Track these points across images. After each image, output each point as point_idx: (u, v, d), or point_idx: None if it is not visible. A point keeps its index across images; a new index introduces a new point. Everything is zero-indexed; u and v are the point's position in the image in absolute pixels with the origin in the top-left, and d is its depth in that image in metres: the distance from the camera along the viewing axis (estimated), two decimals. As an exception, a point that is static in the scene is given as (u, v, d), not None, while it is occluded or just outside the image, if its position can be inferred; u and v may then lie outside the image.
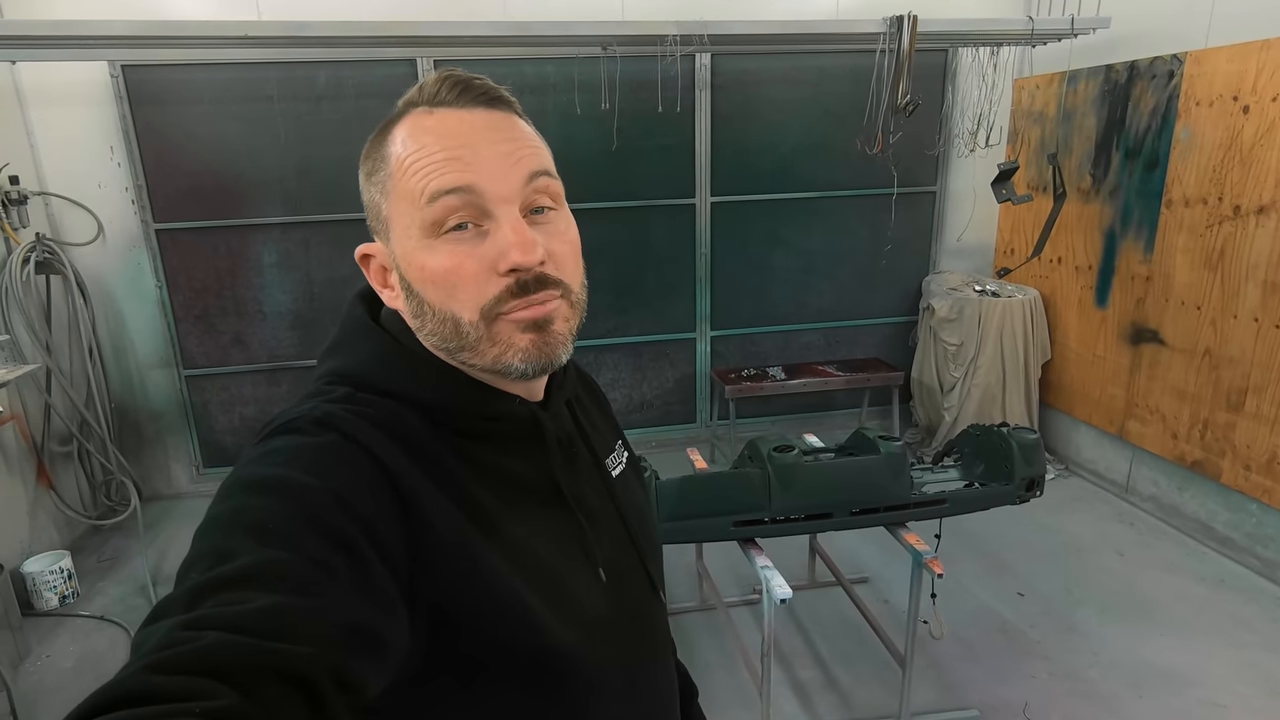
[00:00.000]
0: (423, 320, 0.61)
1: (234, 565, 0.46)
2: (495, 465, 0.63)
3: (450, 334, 0.60)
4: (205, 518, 0.51)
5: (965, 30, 3.31)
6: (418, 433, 0.59)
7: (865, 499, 2.03)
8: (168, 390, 3.64)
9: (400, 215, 0.60)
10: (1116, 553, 3.08)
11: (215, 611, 0.42)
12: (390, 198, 0.60)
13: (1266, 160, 2.68)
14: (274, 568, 0.46)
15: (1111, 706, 2.23)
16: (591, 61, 3.33)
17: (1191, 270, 3.02)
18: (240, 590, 0.44)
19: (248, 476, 0.53)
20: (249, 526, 0.49)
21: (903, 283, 4.18)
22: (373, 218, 0.63)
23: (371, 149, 0.63)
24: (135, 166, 3.32)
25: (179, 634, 0.41)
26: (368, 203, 0.63)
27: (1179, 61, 2.99)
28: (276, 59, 3.28)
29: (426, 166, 0.57)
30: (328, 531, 0.49)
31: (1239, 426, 2.87)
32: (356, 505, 0.52)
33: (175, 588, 0.46)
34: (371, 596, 0.49)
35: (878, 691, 2.33)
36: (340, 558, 0.49)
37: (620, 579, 0.69)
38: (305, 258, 3.58)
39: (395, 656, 0.51)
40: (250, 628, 0.41)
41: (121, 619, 2.81)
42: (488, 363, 0.61)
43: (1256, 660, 2.41)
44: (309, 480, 0.51)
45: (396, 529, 0.53)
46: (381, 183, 0.61)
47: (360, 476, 0.54)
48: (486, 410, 0.64)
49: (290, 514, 0.50)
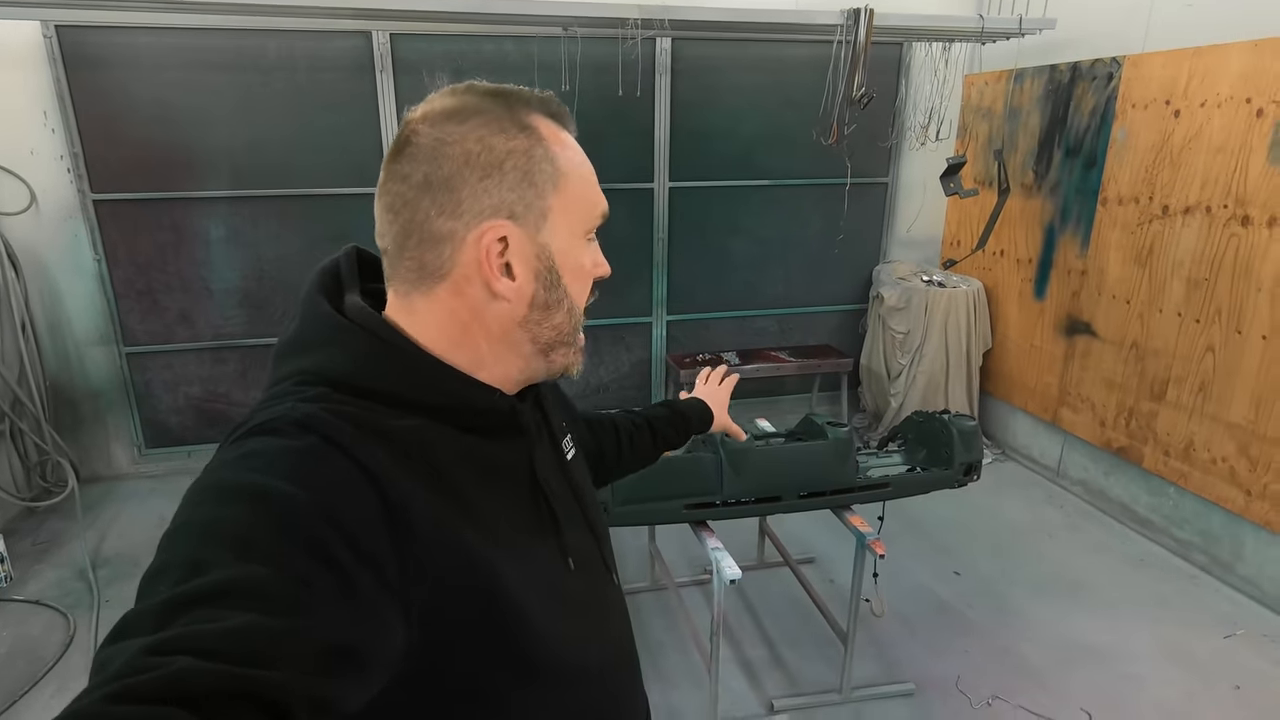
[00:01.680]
0: (550, 313, 0.66)
1: (208, 579, 0.43)
2: (481, 455, 0.63)
3: (572, 328, 0.68)
4: (175, 523, 0.49)
5: (919, 25, 3.38)
6: (402, 432, 0.58)
7: (813, 483, 2.11)
8: (107, 368, 3.52)
9: (568, 214, 0.65)
10: (1048, 534, 3.24)
11: (186, 631, 0.41)
12: (560, 195, 0.64)
13: (1193, 163, 2.83)
14: (250, 583, 0.44)
15: (1039, 679, 2.37)
16: (552, 42, 3.30)
17: (1123, 266, 3.17)
18: (214, 608, 0.42)
19: (222, 482, 0.51)
20: (224, 537, 0.46)
21: (854, 272, 4.28)
22: (518, 204, 0.62)
23: (504, 134, 0.61)
24: (71, 133, 3.17)
25: (146, 659, 0.39)
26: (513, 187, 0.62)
27: (1118, 64, 3.12)
28: (224, 26, 3.17)
29: (595, 185, 0.68)
30: (310, 544, 0.47)
31: (1160, 415, 3.04)
32: (340, 514, 0.50)
33: (140, 600, 0.44)
34: (357, 610, 0.48)
35: (821, 668, 2.42)
36: (322, 571, 0.47)
37: (584, 565, 0.72)
38: (254, 234, 3.49)
39: (383, 666, 0.50)
40: (222, 651, 0.40)
41: (58, 603, 2.73)
42: (563, 362, 0.69)
43: (1171, 635, 2.58)
44: (289, 488, 0.49)
45: (383, 535, 0.52)
46: (549, 178, 0.63)
47: (344, 483, 0.52)
48: (474, 404, 0.64)
49: (269, 524, 0.47)
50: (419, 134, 0.61)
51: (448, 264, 0.62)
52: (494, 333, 0.65)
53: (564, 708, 0.66)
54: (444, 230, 0.61)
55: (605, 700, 0.73)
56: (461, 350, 0.64)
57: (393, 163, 0.62)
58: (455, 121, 0.61)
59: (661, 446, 1.18)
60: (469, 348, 0.65)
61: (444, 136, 0.61)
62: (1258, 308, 2.64)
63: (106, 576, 2.89)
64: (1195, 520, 2.98)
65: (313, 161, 3.44)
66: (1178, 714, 2.22)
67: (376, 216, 0.65)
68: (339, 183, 3.49)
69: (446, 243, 0.61)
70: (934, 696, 2.30)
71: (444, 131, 0.61)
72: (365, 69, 3.38)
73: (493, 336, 0.65)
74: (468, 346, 0.65)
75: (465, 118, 0.61)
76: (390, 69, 3.39)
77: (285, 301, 3.60)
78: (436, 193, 0.60)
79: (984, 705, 2.26)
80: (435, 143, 0.61)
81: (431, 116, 0.62)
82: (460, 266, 0.62)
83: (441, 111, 0.62)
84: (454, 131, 0.61)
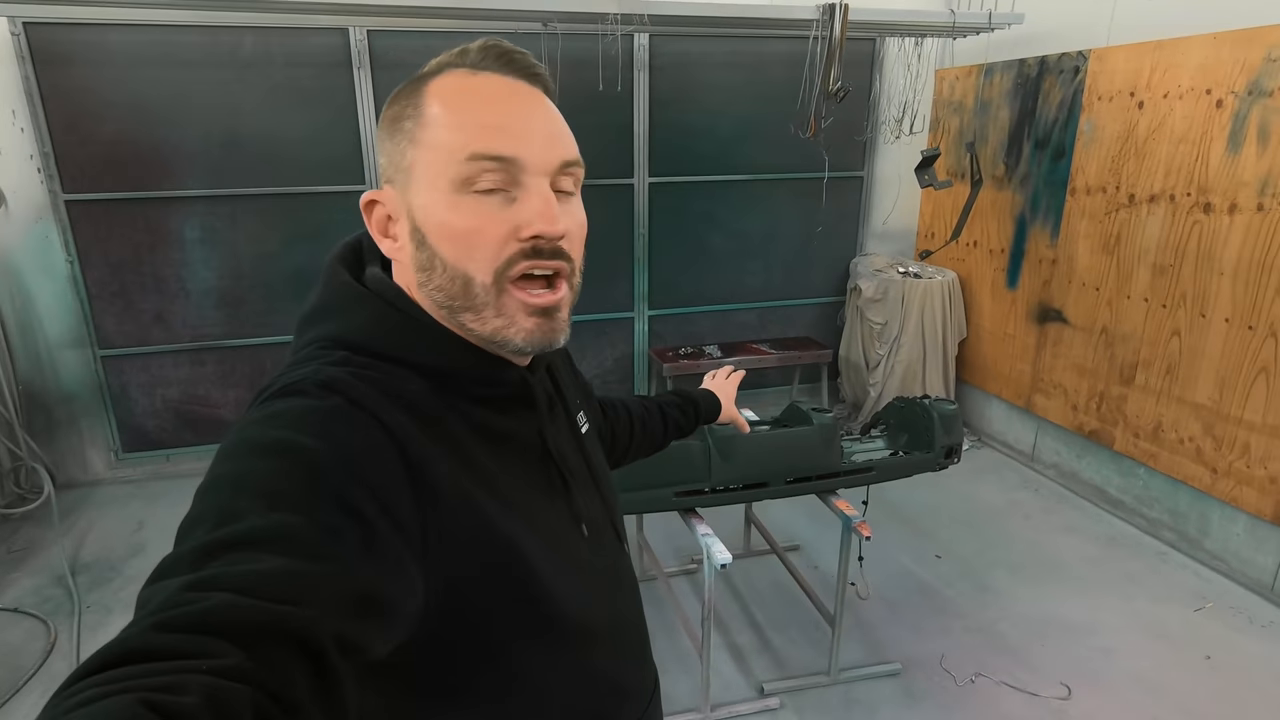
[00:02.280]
0: (430, 274, 0.62)
1: (241, 526, 0.46)
2: (492, 427, 0.65)
3: (459, 292, 0.61)
4: (208, 478, 0.51)
5: (892, 20, 3.44)
6: (420, 397, 0.59)
7: (800, 468, 2.15)
8: (82, 372, 3.46)
9: (429, 165, 0.60)
10: (1024, 516, 3.33)
11: (222, 571, 0.43)
12: (419, 147, 0.60)
13: (1157, 153, 2.92)
14: (282, 530, 0.46)
15: (1019, 656, 2.44)
16: (532, 37, 3.30)
17: (1091, 254, 3.26)
18: (247, 551, 0.44)
19: (252, 438, 0.52)
20: (257, 489, 0.48)
21: (832, 264, 4.35)
22: (391, 166, 0.63)
23: (402, 98, 0.63)
24: (41, 132, 3.11)
25: (186, 594, 0.41)
26: (388, 151, 0.63)
27: (1084, 58, 3.21)
28: (198, 22, 3.13)
29: (471, 125, 0.59)
30: (337, 497, 0.49)
31: (1130, 398, 3.14)
32: (365, 470, 0.52)
33: (177, 545, 0.46)
34: (381, 561, 0.50)
35: (809, 651, 2.47)
36: (349, 523, 0.49)
37: (596, 532, 0.74)
38: (232, 233, 3.45)
39: (404, 618, 0.52)
40: (257, 589, 0.42)
41: (37, 610, 2.69)
42: (487, 332, 0.62)
43: (1142, 610, 2.66)
44: (317, 444, 0.51)
45: (405, 493, 0.54)
46: (411, 131, 0.61)
47: (368, 441, 0.53)
48: (484, 375, 0.65)
49: (299, 478, 0.49)
50: None
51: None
52: (421, 299, 0.65)
53: (575, 670, 0.69)
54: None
55: (616, 666, 0.75)
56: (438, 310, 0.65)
57: None
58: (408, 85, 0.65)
59: (672, 432, 1.20)
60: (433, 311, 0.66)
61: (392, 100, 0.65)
62: (1220, 292, 2.73)
63: (86, 583, 2.84)
64: (1164, 499, 3.08)
65: (290, 159, 3.41)
66: (1152, 684, 2.30)
67: None
68: (317, 180, 3.46)
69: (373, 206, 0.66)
70: (919, 676, 2.36)
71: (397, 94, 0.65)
72: (342, 65, 3.36)
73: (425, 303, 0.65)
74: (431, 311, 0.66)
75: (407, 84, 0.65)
76: (368, 65, 3.37)
77: (263, 302, 3.57)
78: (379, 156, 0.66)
79: (968, 682, 2.32)
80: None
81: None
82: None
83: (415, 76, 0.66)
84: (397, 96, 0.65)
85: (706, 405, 1.28)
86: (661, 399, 1.21)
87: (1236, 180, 2.64)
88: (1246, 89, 2.58)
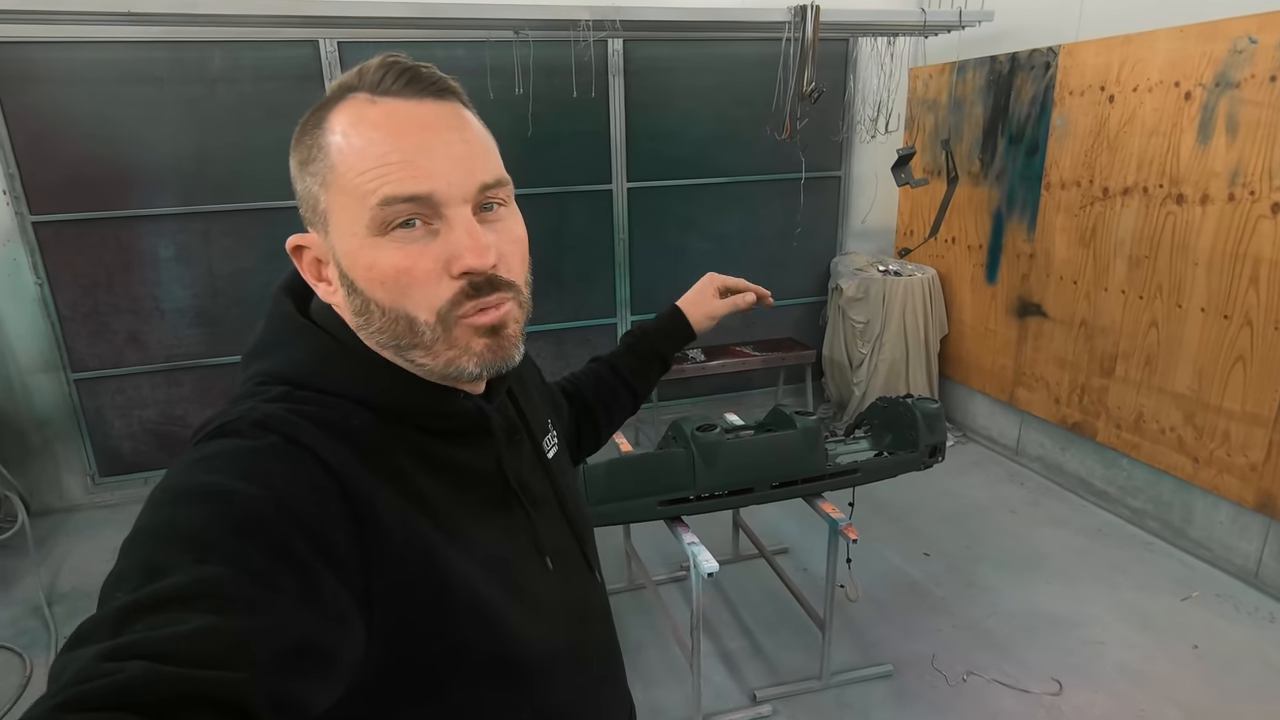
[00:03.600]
0: (368, 318, 0.59)
1: (166, 583, 0.43)
2: (444, 461, 0.62)
3: (404, 332, 0.58)
4: (134, 529, 0.48)
5: (863, 20, 3.46)
6: (364, 431, 0.57)
7: (785, 472, 2.14)
8: (55, 395, 3.39)
9: (343, 210, 0.57)
10: (1010, 511, 3.34)
11: (143, 637, 0.40)
12: (330, 191, 0.57)
13: (1129, 146, 2.95)
14: (210, 585, 0.43)
15: (1008, 651, 2.44)
16: (504, 45, 3.29)
17: (1068, 248, 3.28)
18: (172, 611, 0.41)
19: (181, 484, 0.50)
20: (183, 539, 0.46)
21: (812, 264, 4.35)
22: (307, 209, 0.60)
23: (305, 135, 0.59)
24: (5, 153, 3.04)
25: (100, 665, 0.38)
26: (301, 193, 0.60)
27: (1054, 54, 3.23)
28: (165, 38, 3.08)
29: (377, 167, 0.55)
30: (270, 543, 0.47)
31: (1111, 390, 3.16)
32: (301, 512, 0.49)
33: (100, 607, 0.44)
34: (319, 609, 0.47)
35: (800, 655, 2.46)
36: (284, 570, 0.46)
37: (562, 564, 0.71)
38: (206, 250, 3.40)
39: (347, 668, 0.50)
40: (180, 654, 0.39)
41: (12, 643, 2.62)
42: (440, 365, 0.59)
43: (1129, 600, 2.68)
44: (249, 488, 0.48)
45: (346, 534, 0.51)
46: (321, 174, 0.57)
47: (305, 481, 0.51)
48: (434, 407, 0.62)
49: (229, 525, 0.47)
50: None
51: None
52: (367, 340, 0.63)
53: (535, 712, 0.65)
54: None
55: (584, 700, 0.72)
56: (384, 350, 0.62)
57: None
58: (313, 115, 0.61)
59: (633, 380, 1.08)
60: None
61: None
62: (1195, 282, 2.76)
63: (63, 613, 2.78)
64: (1147, 489, 3.10)
65: (263, 174, 3.36)
66: (1140, 675, 2.31)
67: None
68: (291, 195, 3.38)
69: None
70: (911, 676, 2.35)
71: None
72: (314, 78, 3.33)
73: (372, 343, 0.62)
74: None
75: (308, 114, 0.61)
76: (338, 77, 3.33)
77: (240, 319, 3.51)
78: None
79: (960, 681, 2.32)
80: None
81: None
82: None
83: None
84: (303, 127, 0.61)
85: (669, 329, 1.12)
86: (615, 352, 1.10)
87: (1207, 171, 2.67)
88: (1214, 81, 2.60)
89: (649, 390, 1.10)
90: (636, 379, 1.08)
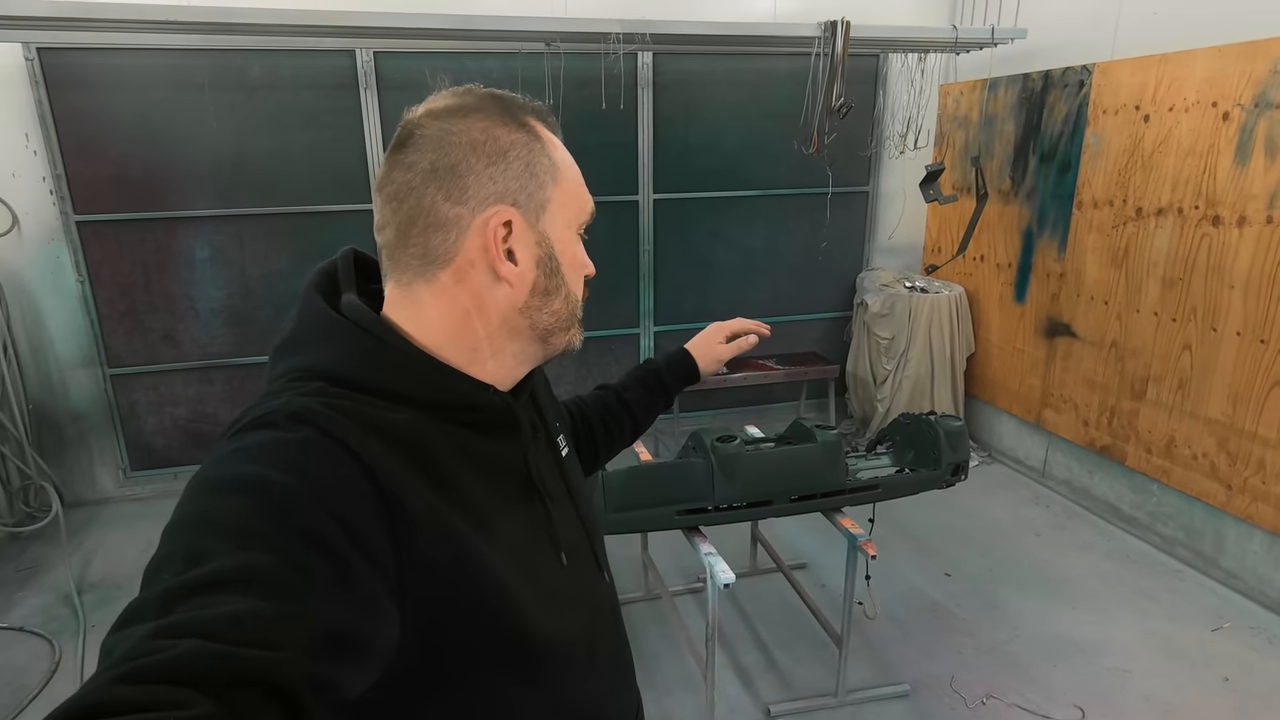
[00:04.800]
0: (548, 299, 0.68)
1: (209, 568, 0.45)
2: (477, 453, 0.64)
3: (568, 315, 0.70)
4: (174, 517, 0.50)
5: (894, 36, 3.45)
6: (397, 426, 0.58)
7: (804, 486, 2.13)
8: (91, 390, 3.48)
9: (565, 208, 0.68)
10: (1034, 534, 3.28)
11: (189, 616, 0.42)
12: (557, 189, 0.67)
13: (1164, 166, 2.90)
14: (251, 571, 0.45)
15: (1030, 676, 2.39)
16: (535, 57, 3.34)
17: (1100, 268, 3.24)
18: (215, 594, 0.43)
19: (221, 474, 0.51)
20: (224, 528, 0.48)
21: (838, 279, 4.33)
22: (520, 193, 0.65)
23: (513, 134, 0.65)
24: (54, 155, 3.16)
25: (152, 642, 0.40)
26: (500, 177, 0.64)
27: (1088, 72, 3.20)
28: (207, 46, 3.18)
29: (581, 185, 0.71)
30: (307, 532, 0.49)
31: (1141, 413, 3.09)
32: (336, 503, 0.51)
33: (143, 590, 0.45)
34: (353, 597, 0.49)
35: (817, 671, 2.43)
36: (320, 559, 0.48)
37: (576, 559, 0.73)
38: (240, 252, 3.48)
39: (380, 654, 0.51)
40: (225, 634, 0.41)
41: (43, 629, 2.69)
42: (562, 343, 0.72)
43: (1158, 629, 2.61)
44: (286, 479, 0.50)
45: (379, 525, 0.53)
46: (548, 171, 0.67)
47: (339, 473, 0.53)
48: (468, 400, 0.64)
49: (267, 515, 0.49)
50: (423, 126, 0.64)
51: (453, 249, 0.63)
52: (493, 320, 0.66)
53: (553, 700, 0.67)
54: (450, 215, 0.63)
55: (594, 693, 0.74)
56: (460, 341, 0.66)
57: (396, 153, 0.64)
58: (458, 116, 0.64)
59: (638, 411, 1.12)
60: (468, 337, 0.66)
61: (449, 127, 0.63)
62: (1231, 305, 2.70)
63: (92, 602, 2.84)
64: (1178, 516, 3.03)
65: (298, 179, 3.45)
66: (1168, 706, 2.25)
67: (376, 209, 0.66)
68: (324, 200, 3.50)
69: (453, 228, 0.63)
70: (929, 697, 2.31)
71: (449, 123, 0.64)
72: (349, 87, 3.40)
73: (492, 325, 0.66)
74: (467, 336, 0.66)
75: (467, 114, 0.64)
76: (374, 86, 3.41)
77: (271, 320, 3.59)
78: (443, 179, 0.62)
79: (979, 704, 2.28)
80: (441, 133, 0.63)
81: (435, 112, 0.65)
82: (465, 251, 0.63)
83: (444, 109, 0.65)
84: (459, 123, 0.64)
85: (677, 369, 1.17)
86: (622, 382, 1.14)
87: (1245, 193, 2.62)
88: (1253, 101, 2.56)
89: (649, 423, 1.15)
90: (640, 410, 1.13)
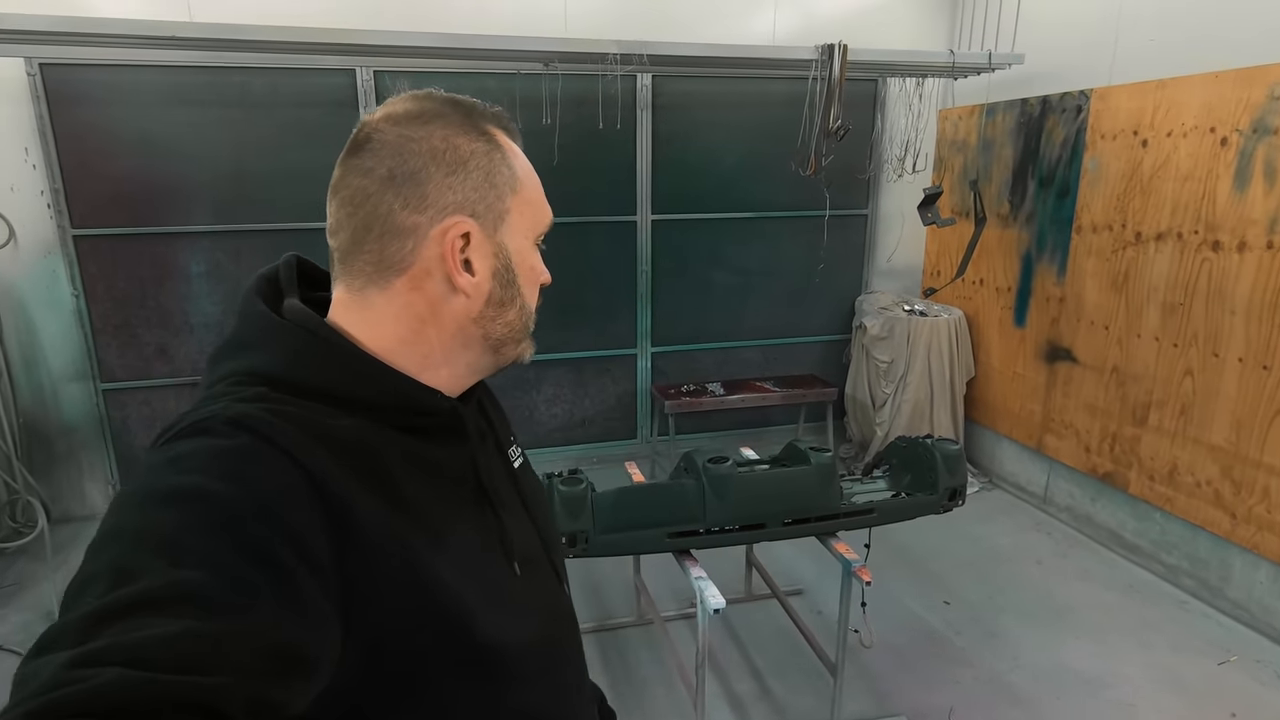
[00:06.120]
0: (503, 310, 0.66)
1: (138, 587, 0.42)
2: (423, 458, 0.62)
3: (522, 326, 0.69)
4: (100, 531, 0.46)
5: (892, 60, 3.47)
6: (342, 431, 0.56)
7: (797, 508, 2.08)
8: (83, 404, 3.46)
9: (524, 217, 0.67)
10: (1036, 561, 3.22)
11: (114, 642, 0.38)
12: (517, 198, 0.66)
13: (1163, 190, 2.89)
14: (185, 589, 0.42)
15: (1032, 709, 2.32)
16: (533, 77, 3.35)
17: (1100, 292, 3.21)
18: (145, 615, 0.40)
19: (151, 486, 0.48)
20: (156, 543, 0.44)
21: (836, 302, 4.31)
22: (480, 203, 0.63)
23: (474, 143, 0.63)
24: (52, 169, 3.16)
25: (70, 672, 0.37)
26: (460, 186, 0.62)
27: (1086, 97, 3.20)
28: (207, 63, 3.20)
29: (541, 194, 0.69)
30: (246, 545, 0.46)
31: (1144, 440, 3.05)
32: (278, 514, 0.48)
33: (63, 613, 0.42)
34: (298, 611, 0.47)
35: (811, 701, 2.36)
36: (261, 573, 0.46)
37: (531, 570, 0.71)
38: (236, 268, 3.47)
39: (325, 670, 0.49)
40: (155, 660, 0.38)
41: (21, 648, 2.64)
42: (514, 354, 0.70)
43: (1162, 661, 2.54)
44: (223, 488, 0.47)
45: (323, 535, 0.50)
46: (508, 181, 0.65)
47: (281, 481, 0.50)
48: (415, 404, 0.63)
49: (202, 527, 0.46)
50: (382, 131, 0.62)
51: (409, 257, 0.62)
52: (448, 329, 0.65)
53: (507, 711, 0.65)
54: (408, 224, 0.61)
55: (549, 703, 0.71)
56: (412, 348, 0.64)
57: (351, 158, 0.62)
58: (419, 123, 0.62)
59: None
60: (420, 345, 0.64)
61: (409, 134, 0.62)
62: (1233, 331, 2.67)
63: (74, 619, 2.79)
64: (1182, 545, 2.97)
65: (295, 196, 3.45)
66: (1173, 742, 2.18)
67: (330, 213, 0.65)
68: (322, 217, 3.47)
69: (410, 236, 0.61)
70: (926, 729, 2.25)
71: (409, 129, 0.62)
72: (348, 105, 3.42)
73: (446, 333, 0.65)
74: (419, 344, 0.64)
75: (427, 120, 0.63)
76: (374, 105, 3.42)
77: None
78: (401, 187, 0.61)
79: (977, 737, 2.21)
80: (400, 139, 0.61)
81: (394, 117, 0.63)
82: (422, 260, 0.62)
83: (404, 114, 0.63)
84: (418, 130, 0.62)
85: None
86: None
87: (1245, 218, 2.60)
88: (1251, 127, 2.55)
89: None
90: None
